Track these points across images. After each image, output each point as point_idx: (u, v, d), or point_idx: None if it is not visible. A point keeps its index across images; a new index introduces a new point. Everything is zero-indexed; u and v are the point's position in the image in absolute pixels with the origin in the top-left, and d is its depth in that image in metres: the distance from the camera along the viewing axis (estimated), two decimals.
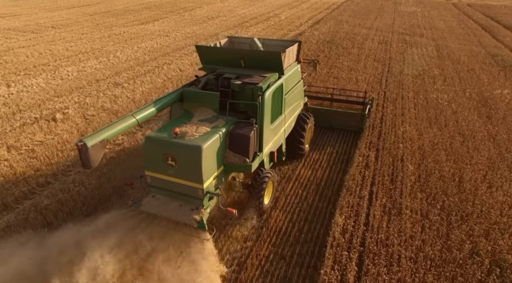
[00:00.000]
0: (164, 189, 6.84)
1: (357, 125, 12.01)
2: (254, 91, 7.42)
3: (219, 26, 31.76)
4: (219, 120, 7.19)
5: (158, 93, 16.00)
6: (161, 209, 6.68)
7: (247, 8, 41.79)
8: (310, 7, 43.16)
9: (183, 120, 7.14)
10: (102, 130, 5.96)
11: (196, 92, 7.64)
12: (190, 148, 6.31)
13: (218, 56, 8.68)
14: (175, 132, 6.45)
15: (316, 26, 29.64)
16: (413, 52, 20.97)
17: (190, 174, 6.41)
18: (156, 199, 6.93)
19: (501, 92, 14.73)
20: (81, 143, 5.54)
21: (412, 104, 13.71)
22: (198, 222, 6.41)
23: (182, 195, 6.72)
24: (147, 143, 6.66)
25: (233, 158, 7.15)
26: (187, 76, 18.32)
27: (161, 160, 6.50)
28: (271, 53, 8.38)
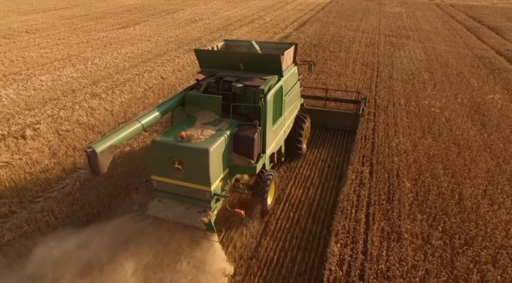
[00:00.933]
0: (170, 192, 6.87)
1: (352, 125, 12.18)
2: (256, 93, 7.57)
3: (203, 29, 30.90)
4: (222, 123, 7.29)
5: (138, 104, 15.10)
6: (168, 213, 6.69)
7: (231, 10, 41.02)
8: (294, 8, 42.69)
9: (187, 124, 7.20)
10: (109, 136, 6.01)
11: (198, 95, 7.69)
12: (197, 151, 6.37)
13: (217, 59, 8.78)
14: (181, 136, 6.49)
15: (301, 29, 29.11)
16: (401, 55, 20.63)
17: (198, 177, 6.49)
18: (162, 203, 6.92)
19: (492, 97, 14.43)
20: (90, 149, 5.58)
21: (404, 112, 13.23)
22: (206, 224, 6.46)
23: (189, 198, 6.78)
24: (153, 148, 6.65)
25: (238, 160, 7.26)
26: (169, 84, 17.47)
27: (168, 164, 6.54)
28: (270, 56, 8.47)
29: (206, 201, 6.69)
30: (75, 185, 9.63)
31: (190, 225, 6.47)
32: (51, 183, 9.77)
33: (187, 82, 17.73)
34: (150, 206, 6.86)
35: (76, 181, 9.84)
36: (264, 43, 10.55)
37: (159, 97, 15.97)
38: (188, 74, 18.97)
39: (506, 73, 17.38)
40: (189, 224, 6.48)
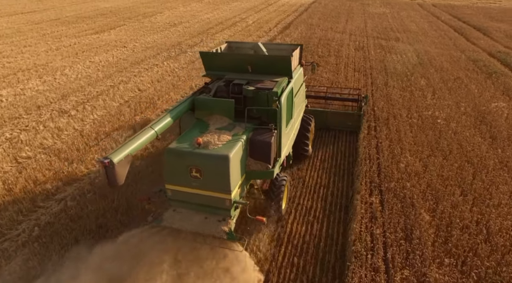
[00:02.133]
0: (187, 202, 6.63)
1: (354, 125, 12.27)
2: (269, 96, 7.40)
3: (182, 33, 29.25)
4: (237, 128, 7.08)
5: (112, 122, 13.45)
6: (185, 223, 6.46)
7: (211, 12, 39.44)
8: (277, 10, 41.50)
9: (200, 130, 6.96)
10: (124, 145, 5.74)
11: (209, 100, 7.45)
12: (216, 158, 6.18)
13: (224, 62, 8.58)
14: (198, 142, 6.26)
15: (286, 31, 27.90)
16: (393, 59, 19.68)
17: (217, 185, 6.28)
18: (178, 213, 6.65)
19: (496, 105, 13.56)
20: (107, 159, 5.35)
21: (407, 125, 12.13)
22: (227, 234, 6.28)
23: (207, 207, 6.55)
24: (169, 156, 6.38)
25: (255, 165, 7.08)
26: (147, 97, 15.85)
27: (185, 172, 6.28)
28: (280, 58, 8.38)
29: (225, 209, 6.46)
30: (33, 232, 8.00)
31: (210, 235, 6.24)
32: (2, 229, 8.10)
33: (167, 95, 16.18)
34: (165, 217, 6.58)
35: (35, 226, 8.20)
36: (269, 45, 10.26)
37: (136, 113, 14.37)
38: (168, 84, 17.39)
39: (504, 77, 16.65)
40: (209, 234, 6.24)
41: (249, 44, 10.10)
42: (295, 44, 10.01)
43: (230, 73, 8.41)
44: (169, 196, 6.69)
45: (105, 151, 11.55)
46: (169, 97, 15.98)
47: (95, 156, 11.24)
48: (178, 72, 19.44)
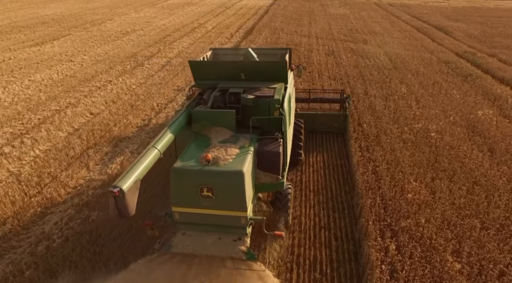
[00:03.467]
0: (197, 224, 6.24)
1: (339, 126, 12.25)
2: (271, 104, 7.18)
3: (137, 43, 26.74)
4: (241, 140, 6.77)
5: (59, 160, 11.12)
6: (198, 247, 6.02)
7: (167, 18, 37.00)
8: (236, 13, 39.94)
9: (203, 145, 6.59)
10: (130, 170, 5.22)
11: (208, 112, 7.09)
12: (230, 174, 5.88)
13: (216, 70, 8.28)
14: (207, 159, 5.90)
15: (250, 37, 26.40)
16: (367, 64, 18.85)
17: (231, 203, 5.97)
18: (187, 236, 6.21)
19: (483, 112, 12.95)
20: (117, 188, 4.82)
21: (401, 142, 11.06)
22: (246, 253, 5.94)
23: (221, 227, 6.19)
24: (176, 176, 5.98)
25: (265, 178, 6.79)
26: (102, 123, 13.56)
27: (194, 193, 5.91)
28: (276, 63, 8.30)
29: (241, 228, 6.12)
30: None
31: (227, 257, 5.84)
32: None
33: (124, 119, 13.99)
34: (174, 242, 6.15)
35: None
36: (257, 50, 9.93)
37: (89, 145, 12.10)
38: (125, 106, 15.16)
39: (480, 80, 16.32)
40: (226, 256, 5.85)
41: (235, 50, 9.95)
42: (283, 48, 9.83)
43: (223, 81, 8.03)
44: (176, 220, 6.23)
45: (51, 201, 9.31)
46: (127, 121, 13.80)
47: (37, 210, 8.98)
48: (136, 89, 17.21)
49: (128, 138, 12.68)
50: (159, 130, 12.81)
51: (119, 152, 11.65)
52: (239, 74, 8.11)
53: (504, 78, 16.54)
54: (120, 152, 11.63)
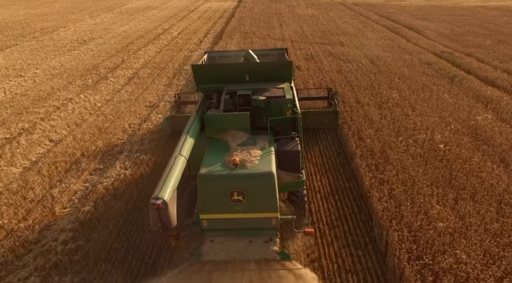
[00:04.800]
0: (226, 229, 6.07)
1: (330, 122, 12.20)
2: (283, 104, 7.26)
3: (97, 52, 24.35)
4: (259, 141, 6.73)
5: (14, 206, 9.10)
6: (229, 252, 5.83)
7: (127, 24, 34.52)
8: (201, 17, 38.19)
9: (222, 149, 6.52)
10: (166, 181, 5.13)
11: (222, 115, 7.06)
12: (261, 176, 5.84)
13: (220, 73, 8.26)
14: (235, 163, 5.83)
15: (221, 43, 24.91)
16: (350, 68, 18.08)
17: (262, 205, 5.88)
18: (217, 243, 6.00)
19: (482, 117, 12.46)
20: (160, 200, 4.73)
21: (410, 157, 10.20)
22: (279, 254, 5.88)
23: (250, 230, 6.06)
24: (204, 183, 5.84)
25: (286, 177, 6.79)
26: (66, 152, 11.55)
27: (224, 198, 5.75)
28: (281, 64, 8.58)
29: (271, 229, 6.06)
30: None
31: (261, 259, 5.74)
32: None
33: (93, 145, 12.07)
34: (204, 250, 5.94)
35: None
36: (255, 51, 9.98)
37: (52, 183, 10.14)
38: (92, 129, 13.18)
39: (466, 81, 16.03)
40: (260, 258, 5.75)
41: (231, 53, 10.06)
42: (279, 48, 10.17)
43: (227, 84, 7.97)
44: (204, 227, 6.06)
45: (5, 267, 7.38)
46: (96, 149, 11.90)
47: None
48: (102, 108, 15.20)
49: (99, 170, 10.83)
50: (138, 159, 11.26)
51: (91, 189, 9.81)
52: (244, 76, 8.15)
53: (488, 78, 16.39)
54: (93, 189, 9.80)
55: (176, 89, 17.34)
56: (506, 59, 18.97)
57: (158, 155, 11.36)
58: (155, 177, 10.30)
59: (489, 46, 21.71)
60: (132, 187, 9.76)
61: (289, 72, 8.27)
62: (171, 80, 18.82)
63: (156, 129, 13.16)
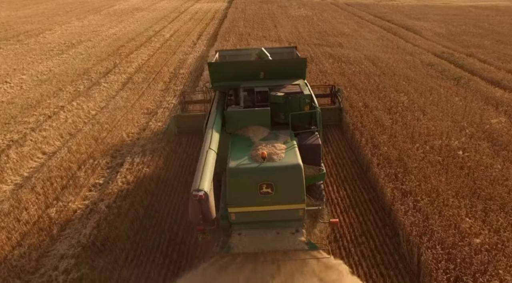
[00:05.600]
0: (253, 222, 6.13)
1: (335, 118, 12.41)
2: (301, 100, 7.43)
3: (87, 56, 23.35)
4: (281, 136, 6.88)
5: (7, 231, 8.26)
6: (258, 244, 5.91)
7: (116, 26, 33.45)
8: (192, 18, 37.36)
9: (246, 144, 6.63)
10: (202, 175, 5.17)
11: (243, 111, 7.22)
12: (290, 169, 5.96)
13: (236, 71, 8.36)
14: (263, 156, 5.95)
15: (216, 45, 24.18)
16: (353, 70, 17.64)
17: (290, 197, 5.98)
18: (245, 236, 6.05)
19: (497, 121, 12.13)
20: (201, 192, 4.80)
21: (429, 165, 9.75)
22: (307, 244, 5.95)
23: (277, 222, 6.13)
24: (234, 176, 5.92)
25: (308, 170, 6.78)
26: (61, 165, 10.73)
27: (253, 191, 5.84)
28: (297, 60, 8.96)
29: (298, 220, 6.16)
30: None
31: (290, 250, 5.84)
32: None
33: (90, 158, 11.29)
34: (233, 243, 5.96)
35: None
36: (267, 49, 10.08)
37: (49, 201, 9.32)
38: (88, 139, 12.36)
39: (473, 83, 15.75)
40: (288, 249, 5.85)
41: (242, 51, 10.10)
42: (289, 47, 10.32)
43: (241, 81, 8.09)
44: (232, 221, 6.14)
45: None
46: (94, 161, 11.11)
47: None
48: (97, 116, 14.34)
49: (99, 185, 10.05)
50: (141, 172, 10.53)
51: (91, 208, 9.04)
52: (259, 73, 8.24)
53: (493, 79, 16.16)
54: (93, 208, 9.03)
55: (173, 94, 16.60)
56: (507, 59, 18.83)
57: (162, 168, 10.66)
58: (161, 192, 9.73)
59: (488, 46, 21.61)
60: (137, 204, 9.03)
61: (304, 68, 8.46)
62: (167, 84, 18.05)
63: (157, 139, 12.42)
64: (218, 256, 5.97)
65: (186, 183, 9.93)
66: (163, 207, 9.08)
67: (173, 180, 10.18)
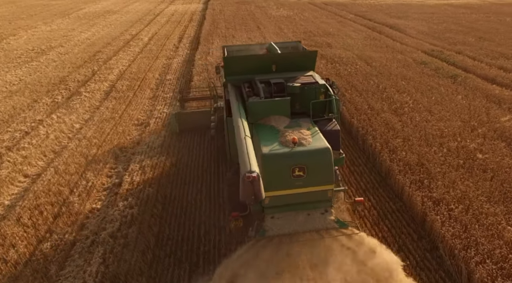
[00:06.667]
0: (285, 205, 6.34)
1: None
2: (317, 89, 7.72)
3: (61, 63, 21.64)
4: (302, 124, 7.13)
5: None
6: (292, 226, 6.20)
7: (89, 30, 31.56)
8: (169, 20, 35.97)
9: (272, 131, 6.89)
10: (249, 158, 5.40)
11: (265, 102, 7.45)
12: (320, 152, 6.26)
13: (250, 64, 8.57)
14: (294, 141, 6.25)
15: (201, 48, 23.16)
16: (348, 71, 17.23)
17: (320, 178, 6.25)
18: (278, 219, 6.29)
19: (507, 119, 12.00)
20: (254, 173, 5.09)
21: (451, 169, 9.37)
22: (337, 222, 6.29)
23: (308, 203, 6.42)
24: (268, 162, 6.13)
25: None
26: (48, 189, 9.46)
27: (286, 175, 6.09)
28: (308, 53, 9.14)
29: (326, 200, 6.46)
30: None
31: (323, 229, 6.14)
32: None
33: (83, 179, 10.07)
34: (267, 226, 6.20)
35: None
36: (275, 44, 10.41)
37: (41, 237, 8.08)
38: (76, 156, 11.11)
39: (470, 80, 15.74)
40: (320, 229, 6.14)
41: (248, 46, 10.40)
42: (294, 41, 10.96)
43: (255, 75, 8.33)
44: (266, 205, 6.25)
45: None
46: (88, 183, 9.91)
47: None
48: (83, 130, 13.03)
49: (97, 211, 8.89)
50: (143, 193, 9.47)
51: (93, 239, 7.90)
52: (271, 66, 8.48)
53: (488, 76, 16.25)
54: (95, 239, 7.90)
55: (164, 102, 15.50)
56: (495, 56, 19.11)
57: (166, 186, 9.65)
58: (170, 216, 8.69)
59: (473, 43, 21.96)
60: (145, 231, 8.01)
61: (314, 61, 8.73)
62: (155, 92, 16.89)
63: (154, 153, 11.35)
64: (254, 240, 6.15)
65: (196, 204, 9.01)
66: (175, 232, 8.10)
67: (181, 200, 9.20)
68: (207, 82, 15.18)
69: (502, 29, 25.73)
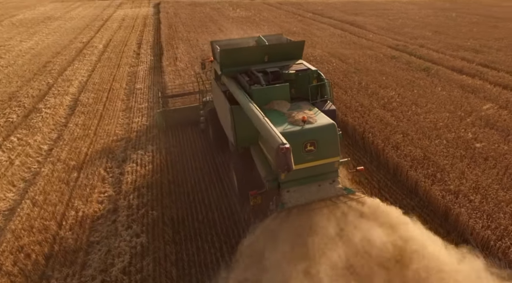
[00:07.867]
0: (298, 179, 6.93)
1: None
2: (311, 75, 8.45)
3: (5, 77, 19.32)
4: (302, 106, 7.78)
5: None
6: (308, 196, 6.83)
7: (30, 39, 28.63)
8: (121, 26, 33.83)
9: (278, 114, 7.43)
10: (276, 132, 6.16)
11: (267, 88, 7.98)
12: (328, 127, 6.94)
13: (245, 56, 8.97)
14: (304, 120, 6.90)
15: (167, 55, 21.83)
16: (327, 68, 17.17)
17: (328, 152, 6.92)
18: (293, 192, 6.92)
19: (488, 107, 12.58)
20: (287, 144, 5.72)
21: (457, 160, 9.51)
22: (345, 190, 6.97)
23: (317, 176, 7.02)
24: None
25: None
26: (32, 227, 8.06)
27: (299, 150, 6.66)
28: (297, 43, 9.65)
29: (333, 171, 7.10)
30: None
31: (334, 196, 6.80)
32: None
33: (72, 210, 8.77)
34: (285, 199, 6.83)
35: None
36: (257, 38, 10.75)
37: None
38: (55, 184, 9.70)
39: (442, 72, 16.39)
40: (332, 196, 6.81)
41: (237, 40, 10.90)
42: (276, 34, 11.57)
43: (250, 65, 8.77)
44: (282, 180, 6.89)
45: None
46: (78, 213, 8.66)
47: None
48: (55, 152, 11.50)
49: (97, 244, 7.74)
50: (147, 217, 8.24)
51: (103, 278, 6.81)
52: (264, 57, 8.96)
53: (455, 67, 17.10)
54: (106, 278, 6.81)
55: (139, 114, 14.30)
56: (454, 48, 20.27)
57: (170, 208, 8.73)
58: (183, 240, 7.76)
59: (431, 37, 23.16)
60: (162, 261, 7.09)
61: (301, 50, 9.31)
62: (127, 103, 15.55)
63: (146, 171, 10.29)
64: (276, 213, 6.64)
65: (209, 223, 8.23)
66: (195, 257, 7.28)
67: (192, 220, 8.36)
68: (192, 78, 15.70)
69: (451, 23, 27.53)
